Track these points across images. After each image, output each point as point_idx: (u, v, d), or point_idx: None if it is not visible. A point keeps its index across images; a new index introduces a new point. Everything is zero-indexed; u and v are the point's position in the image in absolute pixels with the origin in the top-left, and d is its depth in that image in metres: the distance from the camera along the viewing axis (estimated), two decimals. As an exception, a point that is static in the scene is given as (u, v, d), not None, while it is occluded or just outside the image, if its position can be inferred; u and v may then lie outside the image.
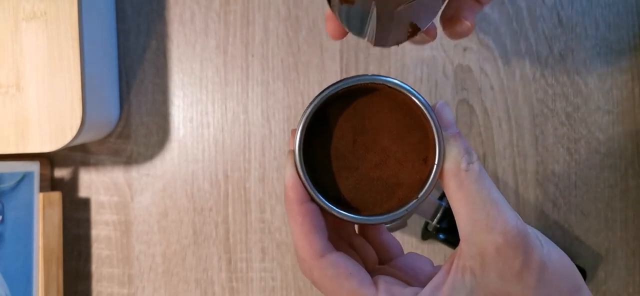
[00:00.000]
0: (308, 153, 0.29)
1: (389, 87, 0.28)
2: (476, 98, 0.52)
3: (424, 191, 0.28)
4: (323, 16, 0.53)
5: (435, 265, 0.32)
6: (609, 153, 0.52)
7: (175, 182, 0.53)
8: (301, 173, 0.28)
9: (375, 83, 0.28)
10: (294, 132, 0.28)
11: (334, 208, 0.28)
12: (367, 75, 0.28)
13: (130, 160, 0.54)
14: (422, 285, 0.28)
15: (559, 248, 0.28)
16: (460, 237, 0.27)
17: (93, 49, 0.47)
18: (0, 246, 0.48)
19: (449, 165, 0.27)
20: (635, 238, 0.52)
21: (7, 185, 0.49)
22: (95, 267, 0.54)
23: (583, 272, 0.51)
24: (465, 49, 0.52)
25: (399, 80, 0.28)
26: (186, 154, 0.53)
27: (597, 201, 0.53)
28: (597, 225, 0.53)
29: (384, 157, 0.29)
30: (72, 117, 0.45)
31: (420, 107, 0.28)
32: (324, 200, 0.28)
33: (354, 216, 0.28)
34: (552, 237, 0.52)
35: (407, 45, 0.52)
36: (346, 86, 0.28)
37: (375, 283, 0.28)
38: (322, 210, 0.28)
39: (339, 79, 0.28)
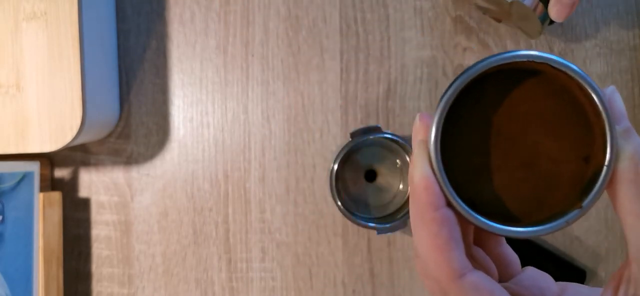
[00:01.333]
0: (442, 146, 0.23)
1: (552, 66, 0.23)
2: (476, 98, 0.52)
3: (590, 198, 0.23)
4: (323, 16, 0.53)
5: (561, 283, 0.28)
6: (609, 153, 0.52)
7: (175, 182, 0.53)
8: (438, 172, 0.23)
9: (533, 62, 0.22)
10: (422, 118, 0.23)
11: (479, 218, 0.23)
12: (522, 51, 0.23)
13: (130, 160, 0.54)
14: None
15: None
16: (631, 257, 0.22)
17: (93, 49, 0.47)
18: (0, 246, 0.48)
19: (624, 168, 0.22)
20: (635, 238, 0.52)
21: (7, 185, 0.49)
22: (95, 267, 0.54)
23: (583, 272, 0.51)
24: (465, 49, 0.52)
25: (564, 60, 0.23)
26: (186, 154, 0.53)
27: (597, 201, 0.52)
28: (597, 225, 0.53)
29: (535, 154, 0.24)
30: (72, 117, 0.45)
31: (587, 93, 0.22)
32: (465, 207, 0.23)
33: (507, 228, 0.23)
34: (552, 237, 0.52)
35: (407, 46, 0.53)
36: (496, 65, 0.23)
37: None
38: (461, 218, 0.23)
39: (486, 57, 0.23)
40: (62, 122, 0.45)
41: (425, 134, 0.23)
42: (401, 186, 0.49)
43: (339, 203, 0.46)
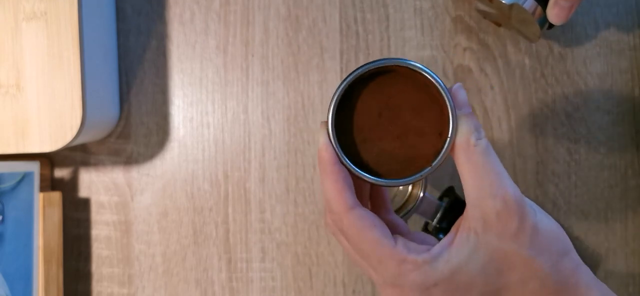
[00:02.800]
0: (338, 125, 0.32)
1: (410, 69, 0.32)
2: (476, 98, 0.52)
3: (437, 160, 0.32)
4: (323, 16, 0.53)
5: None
6: (609, 153, 0.52)
7: (175, 182, 0.53)
8: (332, 139, 0.32)
9: (398, 65, 0.32)
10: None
11: (359, 171, 0.32)
12: (391, 58, 0.32)
13: (130, 160, 0.54)
14: None
15: (550, 217, 0.32)
16: (466, 203, 0.31)
17: (93, 49, 0.47)
18: (0, 246, 0.48)
19: (459, 140, 0.31)
20: (635, 238, 0.52)
21: (7, 185, 0.49)
22: (95, 267, 0.54)
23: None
24: (465, 49, 0.52)
25: (419, 63, 0.31)
26: (186, 154, 0.53)
27: (597, 201, 0.53)
28: (597, 225, 0.53)
29: (405, 130, 0.33)
30: (72, 117, 0.45)
31: (437, 87, 0.31)
32: (350, 163, 0.32)
33: (376, 178, 0.32)
34: (552, 237, 0.52)
35: (407, 46, 0.53)
36: (373, 68, 0.32)
37: (394, 239, 0.32)
38: (350, 172, 0.32)
39: (363, 63, 0.33)
40: (62, 122, 0.45)
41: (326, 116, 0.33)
42: (400, 187, 0.49)
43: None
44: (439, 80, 0.31)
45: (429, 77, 0.31)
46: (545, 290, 0.31)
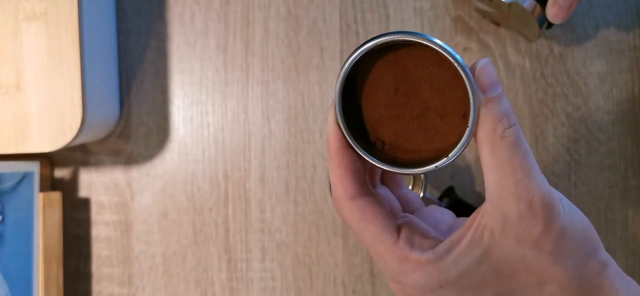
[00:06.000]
0: (350, 101, 0.29)
1: (426, 45, 0.28)
2: (476, 98, 0.52)
3: (454, 152, 0.28)
4: (323, 16, 0.53)
5: (456, 218, 0.33)
6: (609, 153, 0.52)
7: (175, 182, 0.53)
8: (340, 121, 0.29)
9: (415, 40, 0.28)
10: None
11: (368, 155, 0.29)
12: (408, 31, 0.28)
13: (130, 160, 0.54)
14: (443, 235, 0.30)
15: (580, 212, 0.29)
16: (487, 197, 0.28)
17: (93, 49, 0.47)
18: (0, 246, 0.48)
19: (483, 130, 0.27)
20: (635, 238, 0.52)
21: (7, 185, 0.49)
22: (95, 267, 0.54)
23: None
24: (465, 49, 0.52)
25: (437, 39, 0.28)
26: (186, 154, 0.53)
27: (597, 201, 0.53)
28: (597, 225, 0.52)
29: (425, 109, 0.29)
30: (72, 117, 0.45)
31: (457, 67, 0.28)
32: (358, 146, 0.29)
33: (386, 165, 0.29)
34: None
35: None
36: (388, 40, 0.28)
37: (398, 231, 0.29)
38: (359, 156, 0.29)
39: (380, 33, 0.29)
40: (62, 122, 0.45)
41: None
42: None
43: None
44: (458, 57, 0.28)
45: (443, 53, 0.28)
46: (564, 294, 0.28)
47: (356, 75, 0.29)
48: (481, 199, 0.49)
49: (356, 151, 0.29)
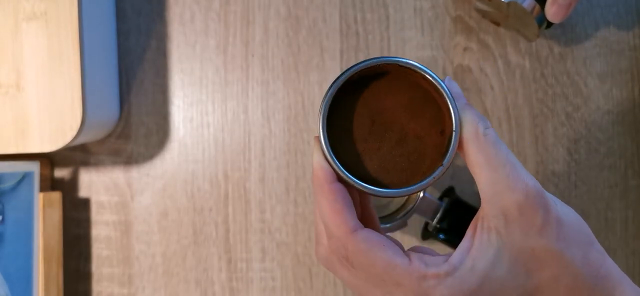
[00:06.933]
0: (333, 139, 0.30)
1: (400, 66, 0.29)
2: (476, 98, 0.52)
3: (447, 158, 0.29)
4: (323, 16, 0.53)
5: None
6: (609, 153, 0.52)
7: (175, 182, 0.53)
8: (327, 155, 0.29)
9: (387, 64, 0.29)
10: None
11: (361, 183, 0.29)
12: (378, 57, 0.30)
13: (130, 160, 0.54)
14: (439, 257, 0.30)
15: (570, 208, 0.29)
16: (482, 199, 0.28)
17: (93, 49, 0.47)
18: (0, 246, 0.48)
19: (467, 132, 0.28)
20: (635, 238, 0.52)
21: (7, 185, 0.49)
22: (95, 267, 0.54)
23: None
24: (465, 49, 0.52)
25: (410, 60, 0.29)
26: (186, 154, 0.53)
27: (597, 201, 0.53)
28: (597, 225, 0.53)
29: (403, 134, 0.30)
30: (72, 117, 0.45)
31: (432, 82, 0.29)
32: (351, 177, 0.29)
33: (387, 191, 0.29)
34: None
35: (407, 46, 0.53)
36: (359, 69, 0.29)
37: (406, 255, 0.29)
38: (350, 188, 0.29)
39: (351, 64, 0.30)
40: (62, 122, 0.45)
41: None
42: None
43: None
44: (432, 73, 0.29)
45: (420, 71, 0.29)
46: (578, 285, 0.28)
47: (338, 110, 0.30)
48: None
49: (350, 182, 0.29)
